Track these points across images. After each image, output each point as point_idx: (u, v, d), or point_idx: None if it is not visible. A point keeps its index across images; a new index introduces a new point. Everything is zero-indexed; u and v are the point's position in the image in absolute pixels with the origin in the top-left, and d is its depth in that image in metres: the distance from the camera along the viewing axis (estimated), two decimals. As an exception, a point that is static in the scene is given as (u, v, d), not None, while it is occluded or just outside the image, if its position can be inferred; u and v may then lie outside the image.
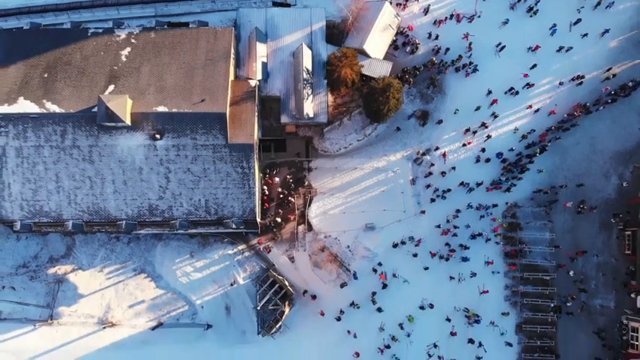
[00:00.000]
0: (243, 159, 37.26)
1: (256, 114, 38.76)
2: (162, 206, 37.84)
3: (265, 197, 43.47)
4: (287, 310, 39.50)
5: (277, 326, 39.09)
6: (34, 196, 37.31)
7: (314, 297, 42.68)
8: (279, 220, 43.72)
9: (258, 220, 39.80)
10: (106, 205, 37.64)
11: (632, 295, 42.33)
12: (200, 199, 37.87)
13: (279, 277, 39.85)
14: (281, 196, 43.84)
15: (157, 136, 36.21)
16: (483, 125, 43.27)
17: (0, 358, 39.58)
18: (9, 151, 36.51)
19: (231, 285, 42.03)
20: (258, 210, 39.25)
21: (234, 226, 38.52)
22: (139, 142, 36.53)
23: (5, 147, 36.44)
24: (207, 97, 36.85)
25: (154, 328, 40.87)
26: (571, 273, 42.41)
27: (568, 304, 42.23)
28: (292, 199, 43.83)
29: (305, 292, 42.86)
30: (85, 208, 37.62)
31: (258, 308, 38.09)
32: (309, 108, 40.51)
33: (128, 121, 35.52)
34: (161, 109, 36.40)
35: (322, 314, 41.94)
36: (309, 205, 43.71)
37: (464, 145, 43.32)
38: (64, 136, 36.37)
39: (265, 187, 43.13)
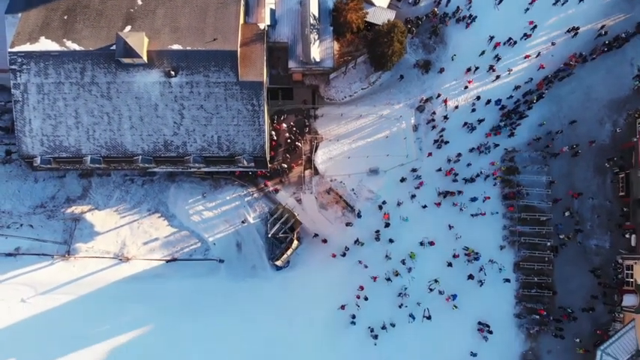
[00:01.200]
0: (253, 96, 39.03)
1: (265, 56, 40.55)
2: (176, 142, 39.56)
3: (274, 143, 45.34)
4: (295, 242, 41.25)
5: (287, 255, 40.80)
6: (54, 132, 39.04)
7: (325, 240, 44.43)
8: (285, 165, 45.56)
9: (268, 157, 41.57)
10: (123, 141, 39.37)
11: (627, 236, 44.06)
12: (213, 136, 39.61)
13: (288, 208, 41.58)
14: (288, 141, 45.71)
15: (172, 73, 37.98)
16: (491, 69, 45.20)
17: (18, 290, 41.27)
18: (30, 87, 38.24)
19: (242, 223, 43.80)
20: (267, 147, 41.01)
21: (245, 163, 40.20)
22: (155, 79, 38.33)
23: (27, 84, 38.16)
24: (219, 37, 38.65)
25: (168, 262, 42.61)
26: (566, 214, 44.20)
27: (560, 237, 44.06)
28: (299, 145, 45.67)
29: (315, 235, 44.59)
30: (102, 144, 39.33)
31: (269, 235, 39.90)
32: (316, 52, 42.35)
33: (145, 58, 37.31)
34: (176, 47, 38.19)
35: (334, 256, 43.73)
36: (316, 151, 45.52)
37: (465, 87, 45.13)
38: (84, 73, 38.14)
39: (273, 133, 44.97)
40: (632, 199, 43.36)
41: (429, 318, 41.86)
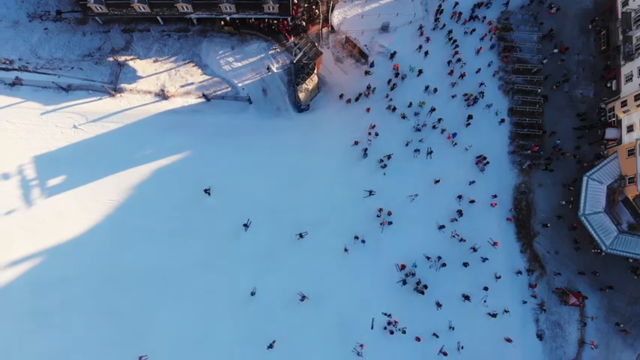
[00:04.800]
0: (279, -58, 44.74)
1: None
2: (212, -17, 45.25)
3: (294, 8, 50.78)
4: (316, 78, 46.65)
5: (307, 87, 46.13)
6: (106, -26, 44.75)
7: (349, 100, 49.44)
8: (304, 23, 50.96)
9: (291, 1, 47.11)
10: (166, -18, 45.04)
11: (609, 85, 49.63)
12: (244, -21, 45.30)
13: (310, 39, 46.93)
14: (306, 5, 51.18)
15: None
16: None
17: (71, 118, 46.52)
18: None
19: (267, 70, 49.24)
20: (291, -10, 46.69)
21: (271, 5, 45.66)
22: None
23: None
24: None
25: (203, 97, 47.96)
26: (555, 50, 49.80)
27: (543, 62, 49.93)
28: (316, 8, 51.13)
29: (341, 95, 49.71)
30: (148, -14, 45.01)
31: (294, 62, 45.26)
32: None
33: None
34: None
35: (368, 110, 48.64)
36: (332, 11, 51.07)
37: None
38: None
39: (294, -6, 50.55)
40: (612, 46, 49.04)
41: (430, 153, 47.33)
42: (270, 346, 41.94)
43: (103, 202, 44.96)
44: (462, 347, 43.27)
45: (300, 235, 45.13)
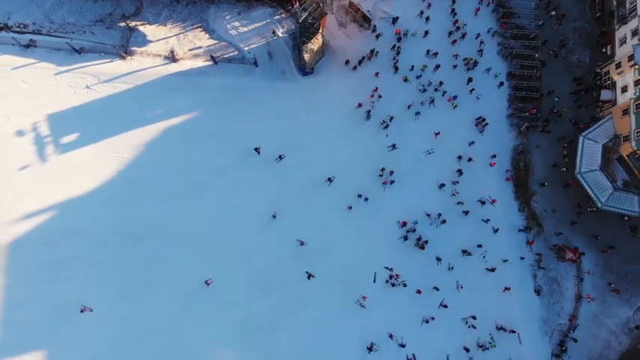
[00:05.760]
0: None
1: None
2: (221, -52, 46.77)
3: (299, -26, 52.31)
4: (321, 38, 48.15)
5: (312, 48, 47.63)
6: (118, -62, 46.30)
7: (355, 67, 50.72)
8: (309, -10, 52.60)
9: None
10: (176, -55, 46.55)
11: (604, 50, 51.23)
12: (251, -58, 46.81)
13: (315, 1, 48.39)
14: (312, -29, 52.82)
15: None
16: None
17: (84, 78, 47.99)
18: None
19: (272, 34, 50.75)
20: (297, -47, 48.21)
21: (277, -33, 47.25)
22: None
23: None
24: None
25: (211, 59, 49.43)
26: (552, 13, 51.39)
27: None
28: (321, -24, 52.76)
29: (347, 62, 51.15)
30: (159, -52, 46.54)
31: (300, 21, 46.76)
32: None
33: None
34: None
35: (377, 75, 50.01)
36: (336, -23, 52.73)
37: None
38: None
39: (299, -39, 52.04)
40: (606, 12, 50.68)
41: (432, 102, 48.90)
42: (308, 277, 44.38)
43: (114, 159, 46.36)
44: (462, 287, 44.73)
45: (329, 180, 46.75)
